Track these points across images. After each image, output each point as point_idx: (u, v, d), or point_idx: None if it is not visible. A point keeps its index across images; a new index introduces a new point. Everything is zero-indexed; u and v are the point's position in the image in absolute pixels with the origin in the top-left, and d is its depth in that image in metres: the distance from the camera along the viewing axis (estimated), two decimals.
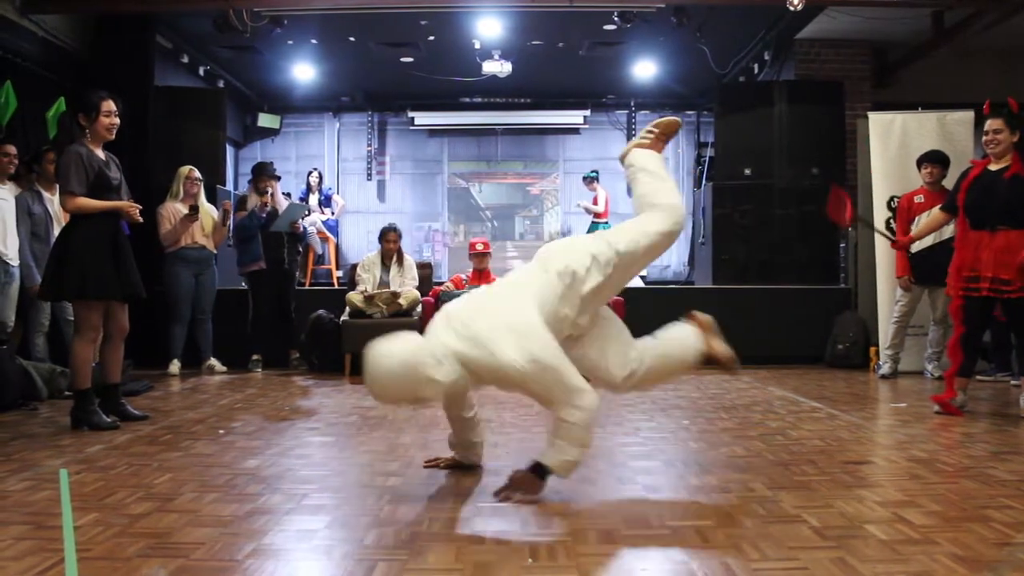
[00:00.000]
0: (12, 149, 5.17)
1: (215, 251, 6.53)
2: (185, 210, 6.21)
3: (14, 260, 5.13)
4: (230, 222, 6.49)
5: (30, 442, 3.60)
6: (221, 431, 3.82)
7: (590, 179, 9.94)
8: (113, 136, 4.04)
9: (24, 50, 6.39)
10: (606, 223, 9.77)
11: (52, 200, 5.34)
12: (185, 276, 6.29)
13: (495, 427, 3.94)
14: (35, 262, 5.11)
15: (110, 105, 3.98)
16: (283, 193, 7.28)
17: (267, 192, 6.56)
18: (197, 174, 6.39)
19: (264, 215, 6.48)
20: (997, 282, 4.14)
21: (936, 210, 5.00)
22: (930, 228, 5.16)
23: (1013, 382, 5.49)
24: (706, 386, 5.55)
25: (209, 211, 6.45)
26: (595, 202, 9.83)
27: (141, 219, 4.13)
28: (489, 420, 4.17)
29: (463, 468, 3.03)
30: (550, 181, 11.59)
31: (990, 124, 4.30)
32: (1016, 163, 4.24)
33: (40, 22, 6.56)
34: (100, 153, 4.02)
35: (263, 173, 6.69)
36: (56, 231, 5.35)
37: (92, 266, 3.87)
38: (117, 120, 4.02)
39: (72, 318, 5.40)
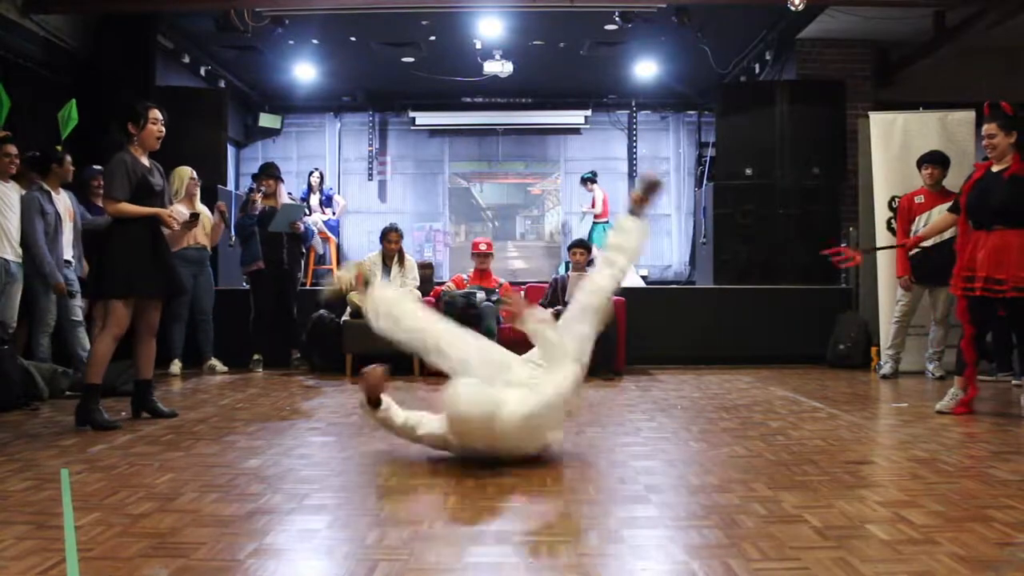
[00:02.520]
0: (13, 149, 5.18)
1: (209, 251, 6.53)
2: (186, 212, 6.21)
3: (15, 259, 5.11)
4: (229, 220, 6.51)
5: (32, 442, 3.60)
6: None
7: (587, 180, 9.95)
8: (158, 145, 4.22)
9: (26, 50, 6.39)
10: (607, 222, 9.76)
11: (59, 200, 5.36)
12: (184, 276, 6.27)
13: None
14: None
15: (156, 114, 4.18)
16: (287, 193, 7.29)
17: (262, 191, 6.61)
18: (195, 175, 6.39)
19: (256, 213, 6.50)
20: (991, 281, 4.15)
21: (944, 211, 4.99)
22: (936, 228, 5.14)
23: (1014, 382, 5.49)
24: (707, 386, 5.56)
25: (203, 211, 6.45)
26: (593, 204, 9.82)
27: (177, 226, 4.40)
28: None
29: (467, 467, 3.03)
30: (551, 181, 11.58)
31: (985, 129, 4.34)
32: (1016, 163, 4.24)
33: (42, 22, 6.57)
34: (145, 160, 4.18)
35: (262, 172, 6.82)
36: (64, 230, 5.37)
37: (134, 266, 4.03)
38: (163, 129, 4.20)
39: (76, 318, 5.43)
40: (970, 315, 4.32)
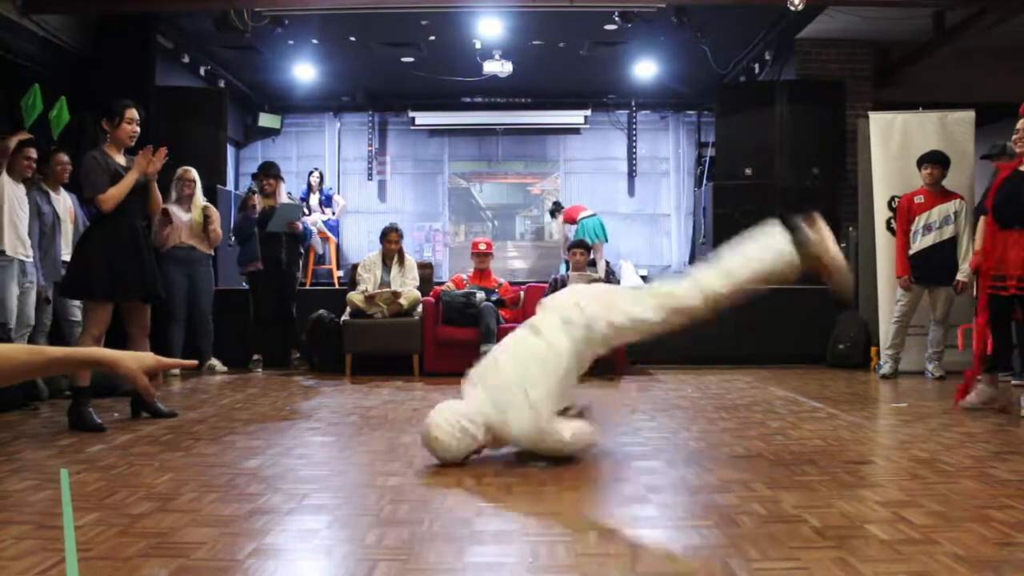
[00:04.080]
0: (33, 152, 5.15)
1: (209, 252, 6.50)
2: (181, 213, 6.25)
3: (29, 259, 5.08)
4: (214, 225, 6.41)
5: (31, 442, 3.61)
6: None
7: (552, 213, 10.06)
8: (133, 143, 4.18)
9: (25, 50, 6.39)
10: (593, 216, 9.59)
11: (58, 200, 5.35)
12: (177, 277, 6.27)
13: None
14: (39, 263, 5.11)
15: (133, 113, 4.14)
16: (287, 193, 7.29)
17: (262, 191, 6.62)
18: (192, 175, 6.37)
19: (256, 214, 6.50)
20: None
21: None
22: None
23: (1014, 382, 5.49)
24: (707, 386, 5.56)
25: (210, 210, 6.44)
26: (565, 218, 9.76)
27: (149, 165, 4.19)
28: None
29: (466, 467, 3.03)
30: (551, 181, 11.58)
31: (1023, 123, 4.29)
32: None
33: (41, 22, 6.57)
34: (119, 158, 4.15)
35: (261, 172, 6.82)
36: (63, 230, 5.37)
37: (110, 266, 3.97)
38: (138, 128, 4.17)
39: (74, 319, 5.43)
40: (990, 308, 4.35)
